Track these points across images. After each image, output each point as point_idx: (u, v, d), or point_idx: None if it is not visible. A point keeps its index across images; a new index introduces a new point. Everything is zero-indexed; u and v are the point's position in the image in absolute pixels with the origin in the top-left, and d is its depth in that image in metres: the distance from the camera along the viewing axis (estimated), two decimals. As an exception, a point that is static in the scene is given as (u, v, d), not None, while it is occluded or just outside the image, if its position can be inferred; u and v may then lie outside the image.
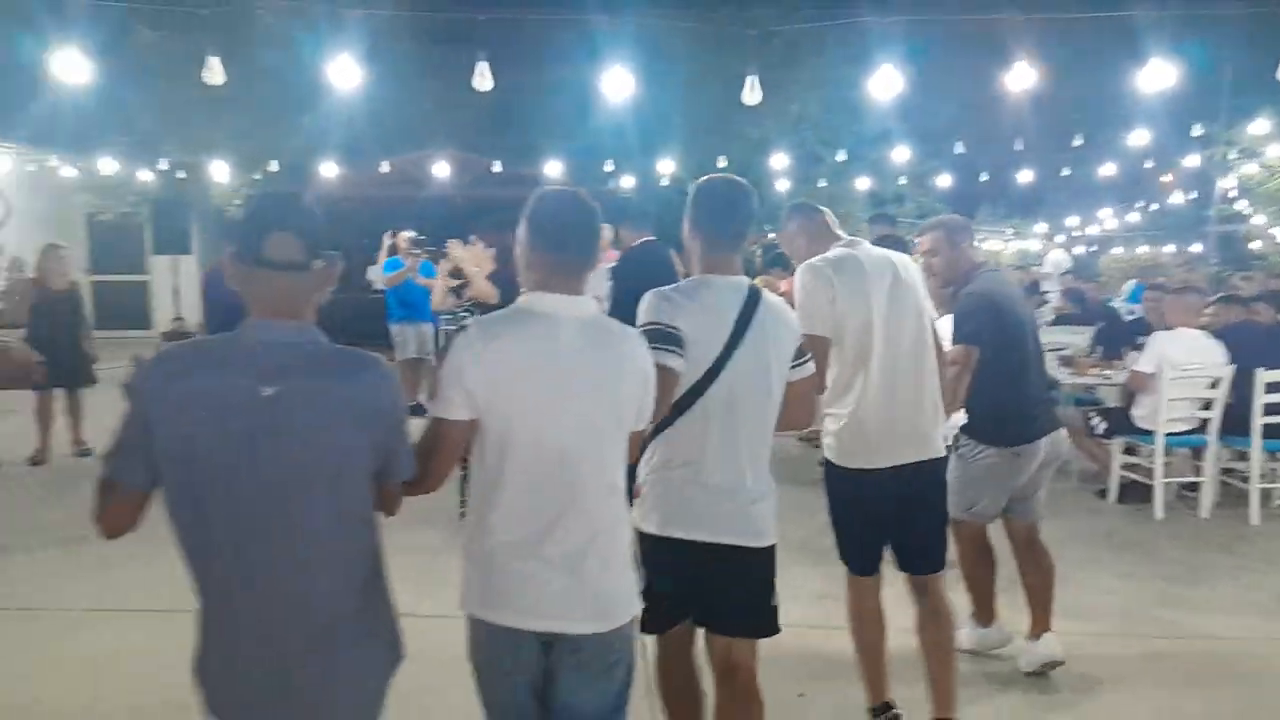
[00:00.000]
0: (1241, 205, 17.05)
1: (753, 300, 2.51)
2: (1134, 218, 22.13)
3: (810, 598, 4.36)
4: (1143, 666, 3.95)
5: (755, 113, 14.92)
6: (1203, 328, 6.23)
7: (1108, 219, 22.44)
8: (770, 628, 2.60)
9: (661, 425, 2.43)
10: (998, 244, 25.18)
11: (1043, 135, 13.39)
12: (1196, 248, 20.25)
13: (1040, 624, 3.82)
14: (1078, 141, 11.15)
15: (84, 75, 5.79)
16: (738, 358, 2.44)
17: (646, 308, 2.43)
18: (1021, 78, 7.46)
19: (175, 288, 12.68)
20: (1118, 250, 23.90)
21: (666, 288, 2.49)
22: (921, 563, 3.18)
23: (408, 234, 8.74)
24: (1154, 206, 21.11)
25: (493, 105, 13.85)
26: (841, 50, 15.27)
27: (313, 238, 1.80)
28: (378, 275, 9.69)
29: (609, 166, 13.76)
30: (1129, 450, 6.38)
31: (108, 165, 13.02)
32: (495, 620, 2.03)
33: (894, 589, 3.26)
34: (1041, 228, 24.11)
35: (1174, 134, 14.22)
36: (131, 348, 9.15)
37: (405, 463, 1.90)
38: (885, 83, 7.53)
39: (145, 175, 13.64)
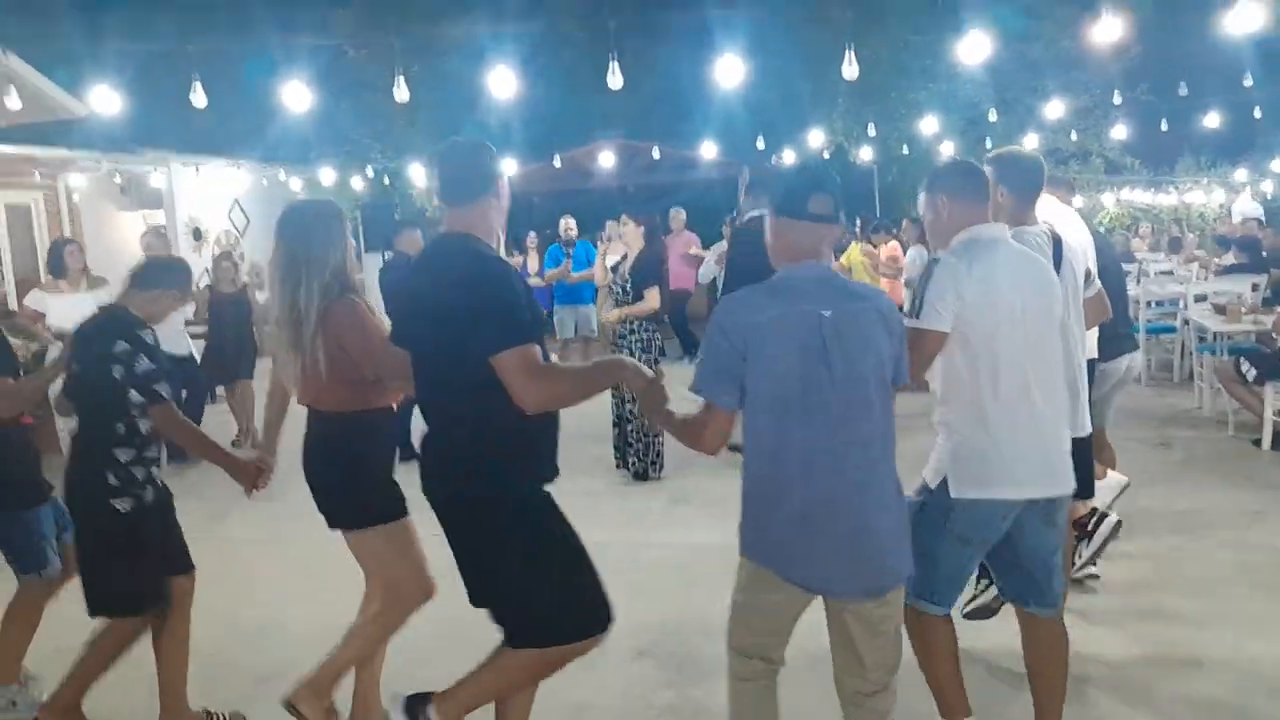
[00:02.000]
0: None
1: (1057, 241, 3.22)
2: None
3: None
4: (1247, 589, 4.20)
5: (914, 77, 15.02)
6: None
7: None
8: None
9: None
10: (1200, 195, 23.49)
11: (1221, 76, 12.70)
12: None
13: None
14: (1248, 82, 10.60)
15: (306, 103, 6.93)
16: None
17: None
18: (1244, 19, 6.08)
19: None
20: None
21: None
22: None
23: (568, 222, 9.66)
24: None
25: (653, 95, 14.68)
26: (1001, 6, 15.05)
27: (840, 196, 2.38)
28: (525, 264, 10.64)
29: (761, 144, 14.25)
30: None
31: (327, 175, 14.78)
32: (998, 496, 2.56)
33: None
34: (1242, 174, 22.23)
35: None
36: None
37: (904, 369, 2.40)
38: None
39: (357, 182, 15.35)
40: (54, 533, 3.44)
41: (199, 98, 6.54)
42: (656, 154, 13.53)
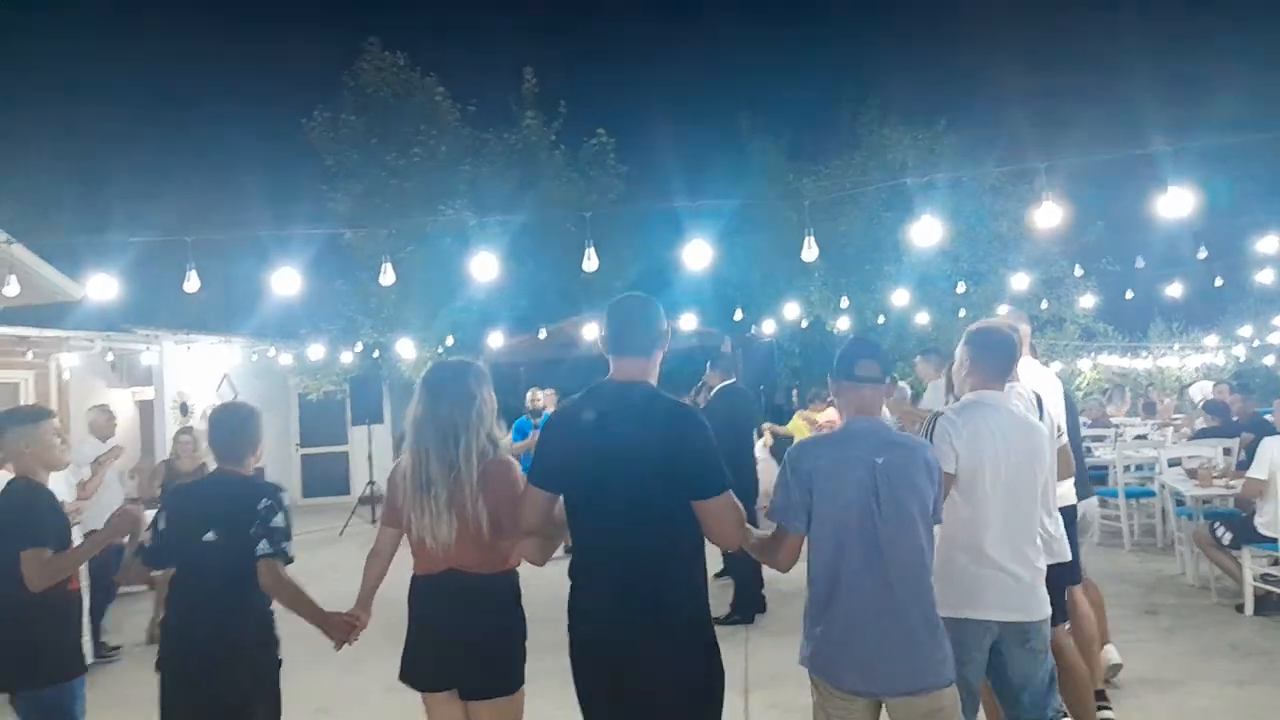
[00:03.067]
0: None
1: (1039, 400, 3.72)
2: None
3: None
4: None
5: (887, 250, 15.68)
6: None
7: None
8: None
9: None
10: (1174, 360, 24.09)
11: (1179, 249, 13.36)
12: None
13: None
14: (1202, 254, 11.16)
15: (297, 287, 7.16)
16: None
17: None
18: (1175, 204, 6.15)
19: (369, 454, 14.17)
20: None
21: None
22: None
23: (534, 394, 9.90)
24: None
25: (637, 272, 15.26)
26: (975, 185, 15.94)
27: (884, 362, 2.88)
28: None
29: (739, 315, 14.72)
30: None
31: (316, 351, 15.07)
32: (972, 616, 2.99)
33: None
34: (1212, 340, 22.90)
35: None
36: (332, 513, 10.84)
37: (941, 507, 2.84)
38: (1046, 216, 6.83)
39: (346, 356, 15.64)
40: (84, 712, 3.33)
41: (192, 284, 6.80)
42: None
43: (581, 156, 17.34)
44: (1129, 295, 15.57)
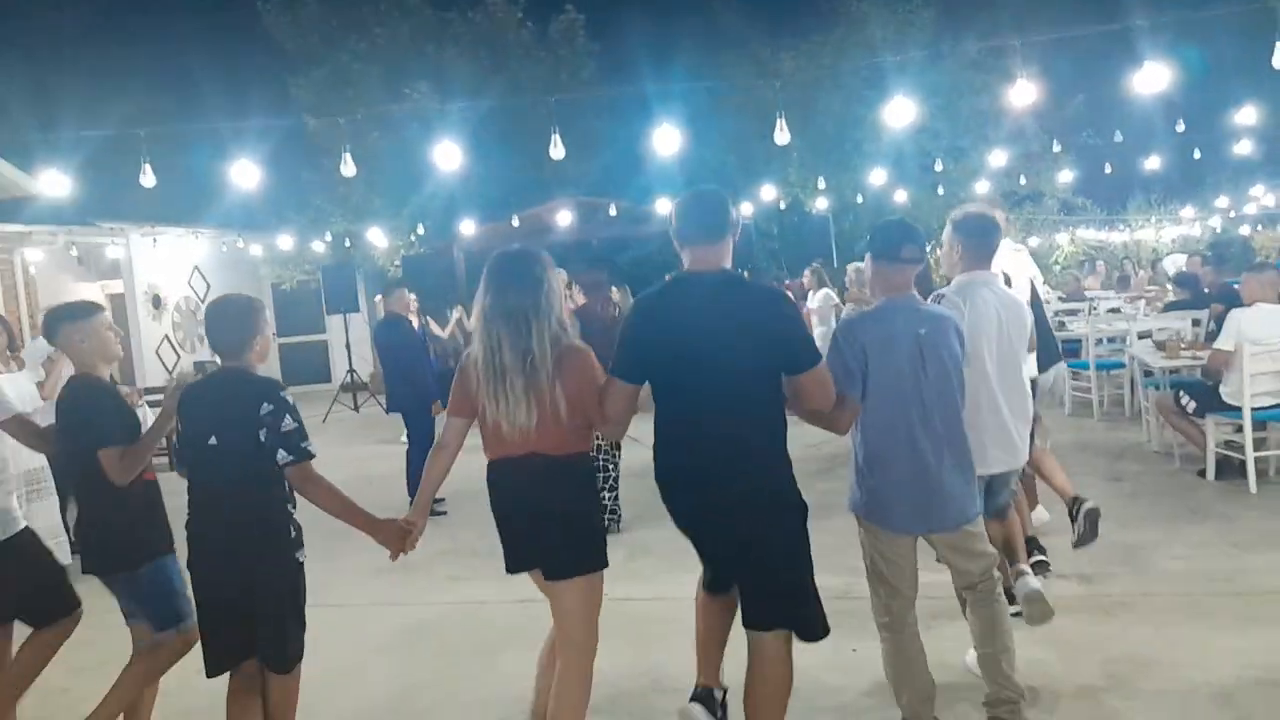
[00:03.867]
0: None
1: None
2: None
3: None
4: (1184, 616, 4.27)
5: (867, 129, 15.41)
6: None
7: (1263, 196, 21.17)
8: None
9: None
10: (1150, 232, 24.16)
11: (1158, 121, 13.20)
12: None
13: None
14: (1180, 127, 11.07)
15: (256, 179, 7.01)
16: None
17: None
18: (1151, 78, 6.74)
19: (347, 342, 14.18)
20: (1288, 227, 22.54)
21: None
22: None
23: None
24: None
25: (611, 157, 14.96)
26: (956, 58, 15.55)
27: (922, 243, 3.20)
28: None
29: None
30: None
31: (285, 241, 14.81)
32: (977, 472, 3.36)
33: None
34: (1188, 212, 22.91)
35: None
36: (314, 400, 10.77)
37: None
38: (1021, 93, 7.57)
39: (317, 246, 15.39)
40: (184, 582, 3.33)
41: (148, 179, 6.64)
42: (613, 210, 13.79)
43: (550, 35, 16.76)
44: (1108, 169, 15.47)
